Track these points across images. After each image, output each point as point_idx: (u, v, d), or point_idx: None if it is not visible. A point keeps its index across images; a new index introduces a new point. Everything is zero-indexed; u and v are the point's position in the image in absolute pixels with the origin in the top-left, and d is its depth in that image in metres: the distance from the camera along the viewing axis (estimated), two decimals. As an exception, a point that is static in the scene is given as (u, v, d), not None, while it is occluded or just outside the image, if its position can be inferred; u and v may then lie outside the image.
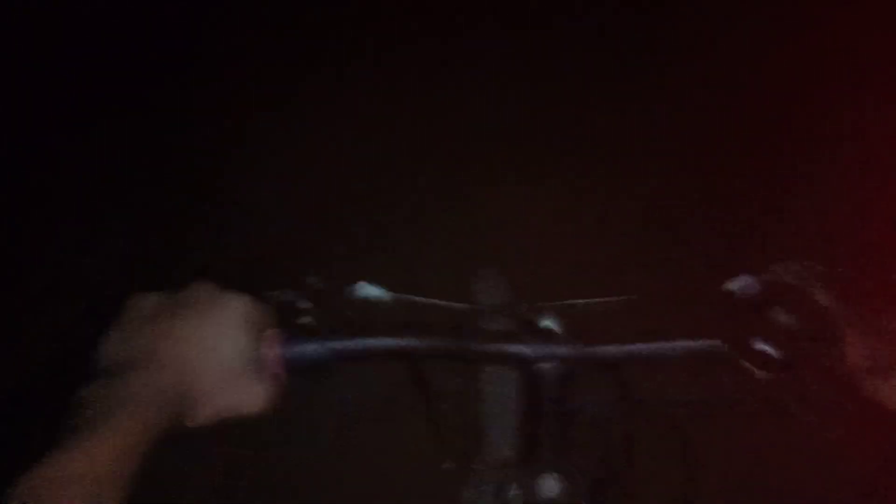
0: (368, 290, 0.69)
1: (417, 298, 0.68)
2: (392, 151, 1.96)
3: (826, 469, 1.38)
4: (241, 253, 1.75)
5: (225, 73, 2.14)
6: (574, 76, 2.10)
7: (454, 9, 2.23)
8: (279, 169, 1.91)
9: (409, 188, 1.88)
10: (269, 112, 2.02)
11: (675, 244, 1.74)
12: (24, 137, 1.94)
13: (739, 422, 1.41)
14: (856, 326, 0.64)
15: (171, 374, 0.62)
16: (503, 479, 0.69)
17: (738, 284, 0.69)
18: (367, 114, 2.03)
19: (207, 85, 2.10)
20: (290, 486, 1.50)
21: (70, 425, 0.57)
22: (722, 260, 1.70)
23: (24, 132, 1.95)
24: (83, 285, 1.73)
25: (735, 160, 1.87)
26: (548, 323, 0.67)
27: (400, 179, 1.90)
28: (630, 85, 2.06)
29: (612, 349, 0.66)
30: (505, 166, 1.92)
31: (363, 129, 2.01)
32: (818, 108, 1.91)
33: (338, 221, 1.82)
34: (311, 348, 0.64)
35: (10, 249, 1.77)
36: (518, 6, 2.27)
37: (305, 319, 0.65)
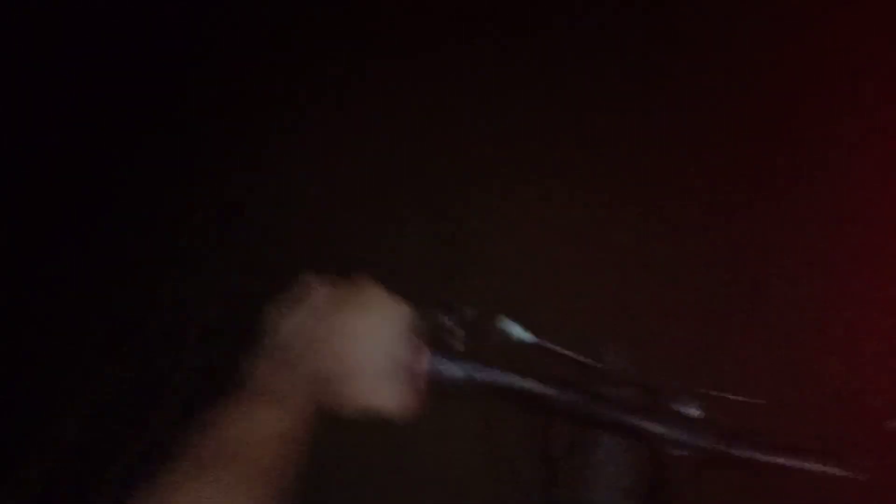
0: (516, 330, 0.70)
1: (558, 349, 0.69)
2: (392, 152, 1.96)
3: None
4: (240, 254, 1.75)
5: (226, 73, 2.13)
6: (574, 77, 2.10)
7: (453, 9, 2.23)
8: (278, 170, 1.91)
9: (409, 188, 1.88)
10: (270, 114, 2.02)
11: (675, 245, 1.74)
12: (23, 137, 1.94)
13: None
14: None
15: (331, 361, 0.65)
16: None
17: None
18: (366, 116, 2.03)
19: (209, 85, 2.10)
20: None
21: (235, 394, 0.59)
22: (722, 261, 1.70)
23: (24, 132, 1.95)
24: (80, 287, 1.73)
25: (735, 160, 1.87)
26: (690, 409, 0.65)
27: (400, 180, 1.90)
28: (629, 86, 2.06)
29: (753, 453, 0.64)
30: (505, 167, 1.92)
31: (362, 132, 2.01)
32: (818, 108, 1.90)
33: (340, 221, 1.82)
34: (455, 370, 0.66)
35: (9, 250, 1.77)
36: (518, 7, 2.27)
37: (456, 344, 0.67)
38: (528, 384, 0.66)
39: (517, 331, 0.70)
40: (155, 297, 1.70)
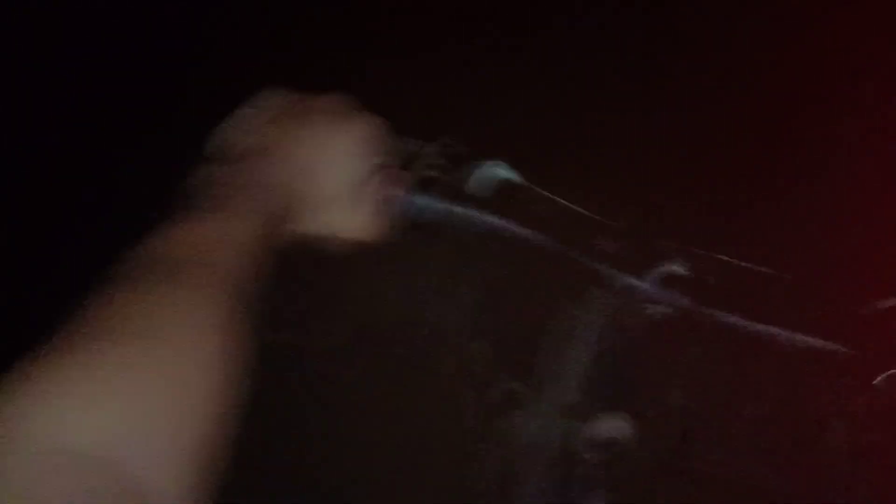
0: (502, 171, 0.66)
1: (547, 194, 0.65)
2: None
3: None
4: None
5: (226, 73, 2.13)
6: (574, 77, 2.10)
7: (453, 9, 2.23)
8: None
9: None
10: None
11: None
12: (23, 137, 1.94)
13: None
14: None
15: (287, 170, 0.58)
16: (564, 413, 0.64)
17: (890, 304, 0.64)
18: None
19: (209, 85, 2.10)
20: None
21: (183, 205, 0.54)
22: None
23: (24, 132, 1.95)
24: (79, 288, 1.73)
25: (735, 160, 1.87)
26: (675, 267, 0.61)
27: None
28: (629, 86, 2.06)
29: (734, 319, 0.61)
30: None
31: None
32: (818, 108, 1.90)
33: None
34: (431, 202, 0.61)
35: (9, 250, 1.77)
36: (518, 7, 2.27)
37: (431, 172, 0.62)
38: (509, 226, 0.63)
39: (505, 171, 0.67)
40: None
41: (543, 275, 0.65)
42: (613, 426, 0.62)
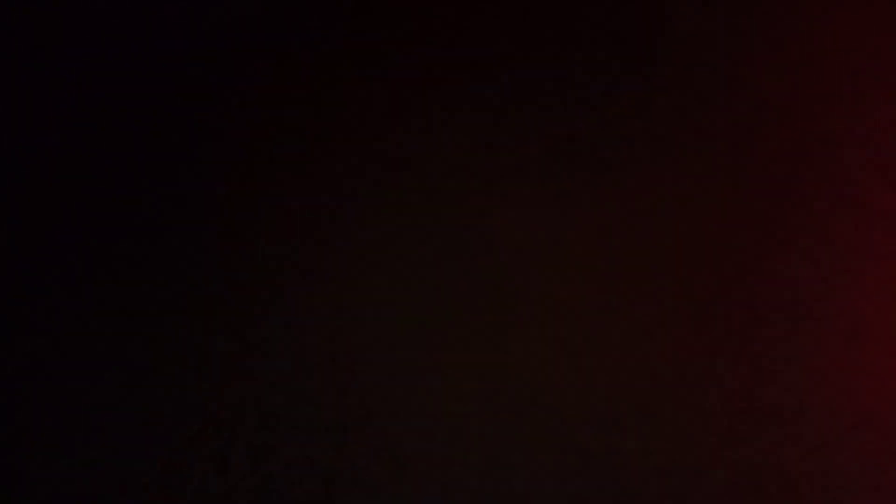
0: None
1: None
2: (394, 155, 1.96)
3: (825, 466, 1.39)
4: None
5: (226, 73, 2.13)
6: (572, 79, 2.10)
7: (452, 10, 2.22)
8: (276, 170, 1.91)
9: (411, 191, 1.88)
10: (270, 114, 2.02)
11: (676, 248, 1.74)
12: (23, 137, 1.94)
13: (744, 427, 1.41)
14: None
15: None
16: None
17: None
18: (368, 119, 2.03)
19: (209, 85, 2.10)
20: None
21: None
22: (723, 262, 1.70)
23: (24, 132, 1.95)
24: (78, 289, 1.73)
25: (734, 162, 1.87)
26: None
27: (403, 182, 1.90)
28: (628, 87, 2.06)
29: None
30: (503, 172, 1.92)
31: (367, 133, 2.00)
32: (818, 108, 1.90)
33: (339, 221, 1.82)
34: None
35: (8, 251, 1.77)
36: (516, 8, 2.26)
37: None
38: None
39: None
40: (156, 297, 1.70)
41: None
42: None
